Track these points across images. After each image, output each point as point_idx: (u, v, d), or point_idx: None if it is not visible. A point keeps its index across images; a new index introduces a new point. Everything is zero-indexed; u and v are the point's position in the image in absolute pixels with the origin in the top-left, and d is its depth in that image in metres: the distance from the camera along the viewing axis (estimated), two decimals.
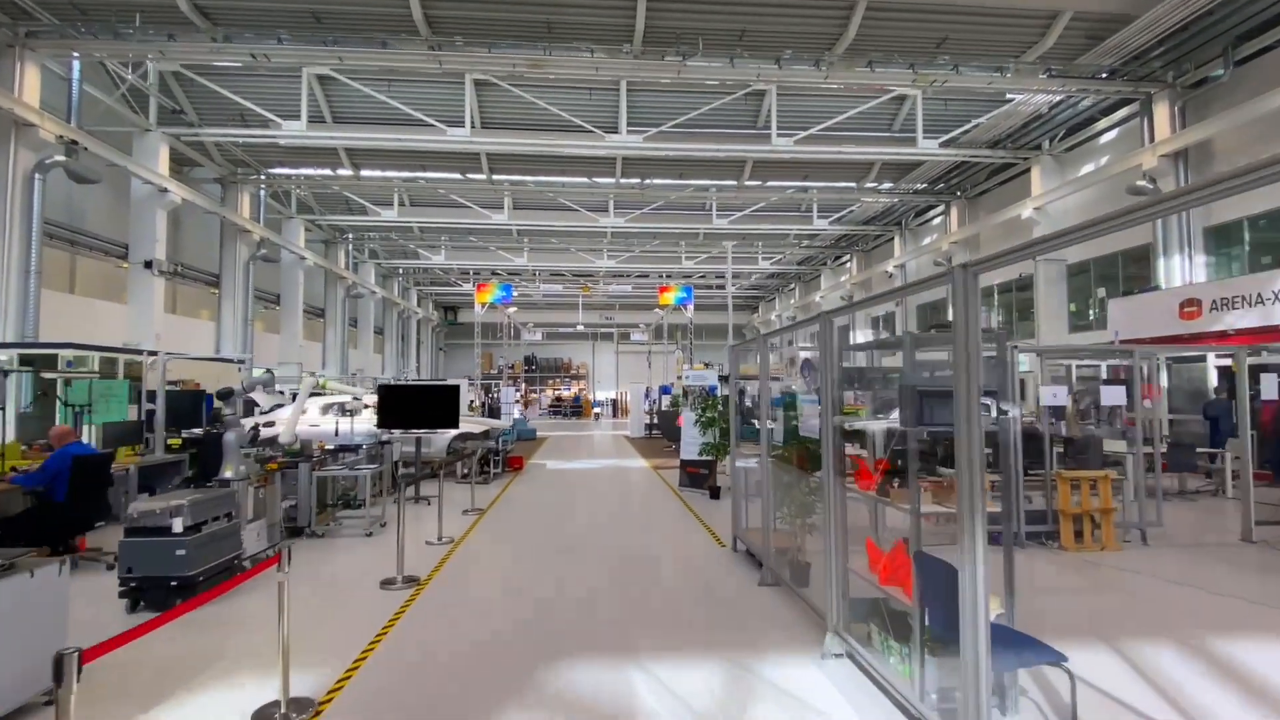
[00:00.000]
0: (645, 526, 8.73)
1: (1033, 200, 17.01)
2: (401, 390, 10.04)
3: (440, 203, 23.06)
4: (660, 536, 8.08)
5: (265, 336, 23.21)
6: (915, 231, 24.23)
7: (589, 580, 6.15)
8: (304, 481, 7.52)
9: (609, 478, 13.59)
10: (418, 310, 37.93)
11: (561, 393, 44.14)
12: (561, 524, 8.85)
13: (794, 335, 11.55)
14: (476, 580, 6.23)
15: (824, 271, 31.42)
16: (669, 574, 6.43)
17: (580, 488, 12.09)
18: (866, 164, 19.46)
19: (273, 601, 3.65)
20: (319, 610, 5.27)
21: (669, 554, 7.19)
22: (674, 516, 9.38)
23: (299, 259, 22.34)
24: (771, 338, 6.94)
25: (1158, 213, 2.17)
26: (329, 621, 5.03)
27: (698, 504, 10.24)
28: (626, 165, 19.26)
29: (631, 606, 5.39)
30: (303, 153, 18.55)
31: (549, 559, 6.93)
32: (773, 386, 6.45)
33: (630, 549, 7.38)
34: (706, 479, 11.11)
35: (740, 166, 19.48)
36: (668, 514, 9.57)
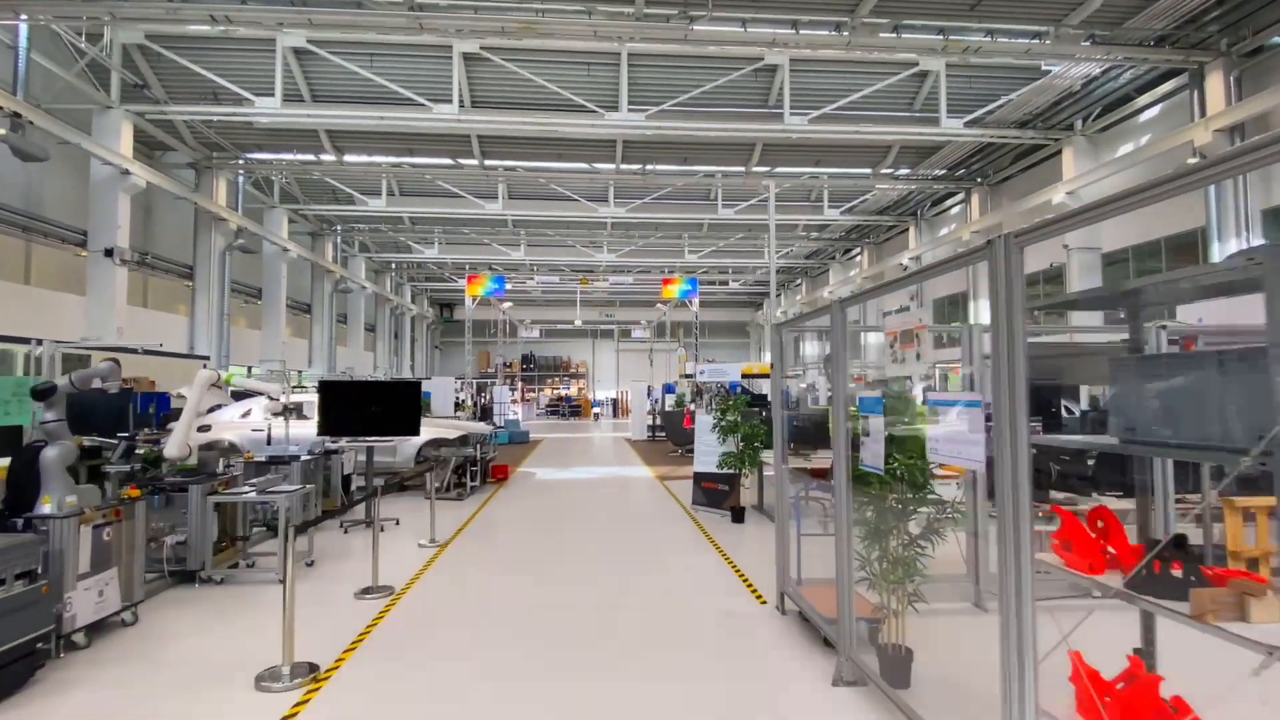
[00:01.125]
0: (653, 567, 6.84)
1: (1064, 184, 15.80)
2: (347, 389, 8.19)
3: (431, 192, 21.87)
4: (675, 586, 6.15)
5: (247, 332, 22.06)
6: (931, 222, 23.03)
7: (570, 683, 4.07)
8: (195, 510, 5.75)
9: (607, 492, 11.84)
10: (412, 307, 36.75)
11: (560, 392, 42.93)
12: (543, 564, 6.89)
13: (877, 300, 10.42)
14: (398, 681, 4.10)
15: (832, 266, 30.23)
16: (692, 662, 4.37)
17: (572, 506, 10.39)
18: (883, 148, 18.26)
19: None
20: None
21: (689, 618, 5.23)
22: (690, 550, 7.60)
23: (282, 250, 21.15)
24: (851, 304, 4.42)
25: None
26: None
27: (719, 530, 8.56)
28: (628, 150, 18.06)
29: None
30: (281, 135, 17.37)
31: (515, 637, 4.82)
32: (810, 381, 5.20)
33: (633, 612, 5.39)
34: (727, 497, 9.32)
35: (748, 151, 18.27)
36: (681, 547, 7.78)
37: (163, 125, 16.20)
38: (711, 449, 9.32)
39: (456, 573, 6.65)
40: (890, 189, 20.49)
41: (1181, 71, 13.22)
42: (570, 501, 10.80)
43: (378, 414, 7.53)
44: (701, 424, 9.47)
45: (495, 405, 21.30)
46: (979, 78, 15.43)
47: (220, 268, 17.82)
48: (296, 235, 24.41)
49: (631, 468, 15.24)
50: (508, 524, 9.13)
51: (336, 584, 6.10)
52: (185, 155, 17.44)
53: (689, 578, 6.48)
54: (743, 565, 6.87)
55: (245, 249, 18.85)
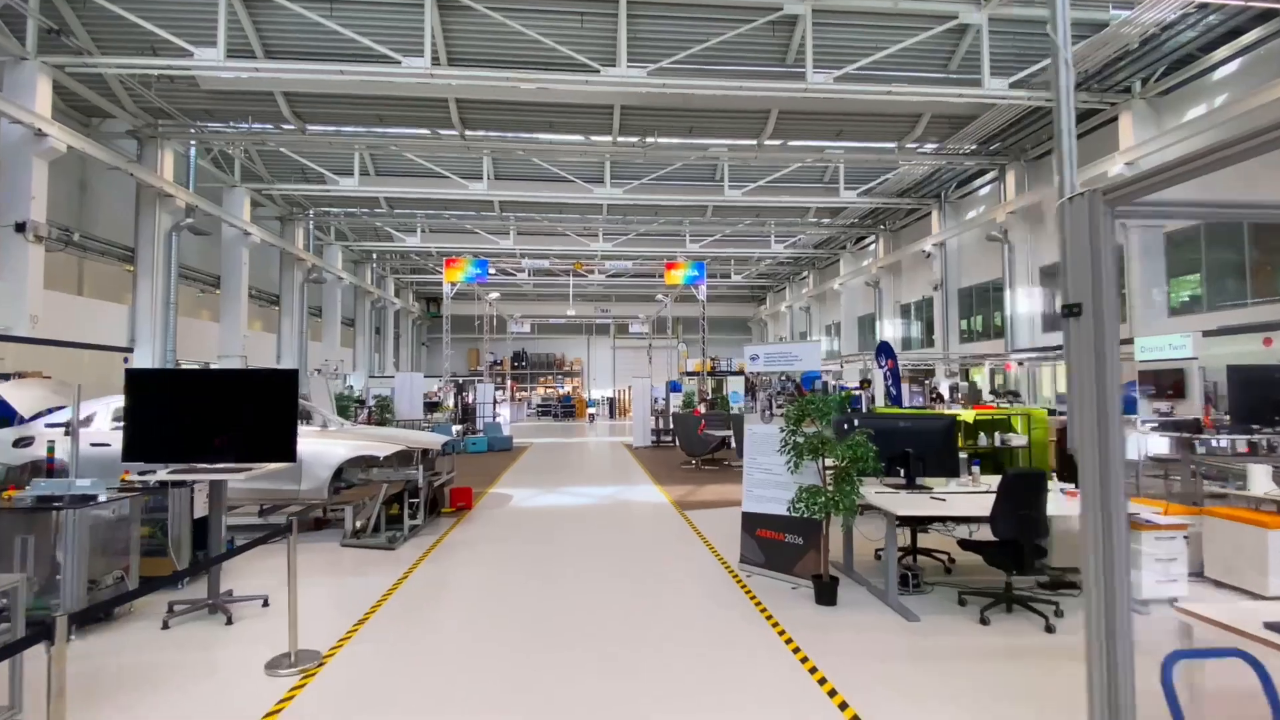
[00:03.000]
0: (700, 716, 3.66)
1: (1122, 154, 13.95)
2: (172, 384, 5.17)
3: (410, 171, 19.90)
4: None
5: (204, 324, 20.02)
6: (956, 205, 21.15)
7: None
8: None
9: (609, 532, 8.17)
10: (395, 300, 34.71)
11: (554, 391, 40.90)
12: (502, 705, 3.79)
13: None
14: None
15: (843, 256, 28.35)
16: None
17: (557, 559, 6.88)
18: (912, 117, 16.35)
19: None
20: None
21: None
22: (761, 668, 4.25)
23: (243, 234, 19.11)
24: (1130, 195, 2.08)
25: None
26: None
27: (797, 618, 5.08)
28: (627, 119, 16.10)
29: None
30: (233, 100, 15.34)
31: None
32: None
33: None
34: (801, 557, 5.76)
35: (761, 121, 16.33)
36: (739, 657, 4.41)
37: (96, 85, 14.18)
38: (775, 480, 6.00)
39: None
40: (916, 166, 18.58)
41: (1274, 15, 11.36)
42: (555, 550, 7.31)
43: (225, 425, 4.78)
44: (758, 438, 6.26)
45: (479, 406, 19.25)
46: (1024, 34, 13.60)
47: (166, 250, 15.79)
48: (263, 220, 22.38)
49: (638, 487, 11.77)
50: (453, 599, 5.69)
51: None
52: (124, 122, 15.40)
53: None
54: (875, 711, 3.64)
55: (196, 230, 16.83)
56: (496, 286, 32.70)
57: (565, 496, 10.96)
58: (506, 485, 12.12)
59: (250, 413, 4.89)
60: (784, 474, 5.76)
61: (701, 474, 12.99)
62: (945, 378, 19.81)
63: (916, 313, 23.81)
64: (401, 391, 16.41)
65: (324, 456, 6.91)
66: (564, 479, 12.94)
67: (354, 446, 7.06)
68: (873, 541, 6.63)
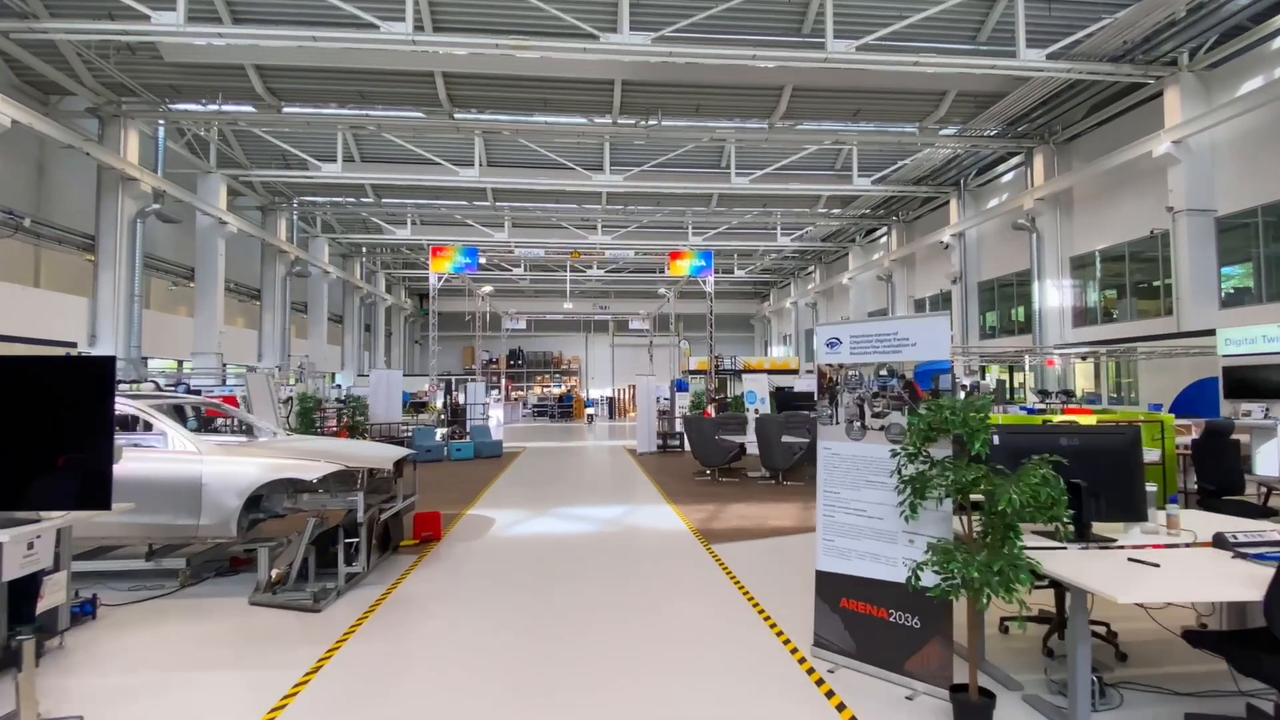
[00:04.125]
0: None
1: (1169, 132, 12.80)
2: None
3: (397, 156, 18.69)
4: None
5: (179, 320, 18.84)
6: (976, 193, 20.01)
7: None
8: None
9: (614, 582, 5.92)
10: (386, 296, 33.50)
11: (551, 390, 39.70)
12: None
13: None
14: None
15: (852, 249, 27.18)
16: None
17: (542, 638, 4.58)
18: (936, 95, 15.21)
19: None
20: None
21: None
22: None
23: (218, 223, 17.90)
24: None
25: None
26: None
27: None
28: (629, 96, 14.93)
29: None
30: (200, 74, 14.14)
31: None
32: None
33: None
34: (919, 648, 3.71)
35: (773, 99, 15.17)
36: None
37: (51, 58, 13.01)
38: (872, 527, 4.01)
39: None
40: (937, 149, 17.42)
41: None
42: (541, 613, 5.07)
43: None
44: (843, 463, 4.17)
45: (470, 407, 17.99)
46: (1061, 2, 12.50)
47: (130, 238, 14.58)
48: (244, 210, 21.21)
49: (647, 507, 9.48)
50: (385, 710, 3.59)
51: None
52: (85, 99, 14.21)
53: None
54: None
55: (165, 217, 15.60)
56: (491, 281, 31.50)
57: (559, 521, 8.62)
58: (489, 504, 9.78)
59: (30, 429, 3.15)
60: (889, 518, 3.85)
61: (720, 488, 10.94)
62: (965, 375, 18.69)
63: (931, 308, 22.66)
64: (378, 391, 14.82)
65: (231, 480, 5.24)
66: (558, 495, 10.60)
67: (271, 467, 5.31)
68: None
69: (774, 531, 7.72)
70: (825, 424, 4.28)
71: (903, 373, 3.90)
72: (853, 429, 4.12)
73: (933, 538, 3.53)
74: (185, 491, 5.17)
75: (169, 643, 4.48)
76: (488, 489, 11.22)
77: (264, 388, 8.09)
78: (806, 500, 9.52)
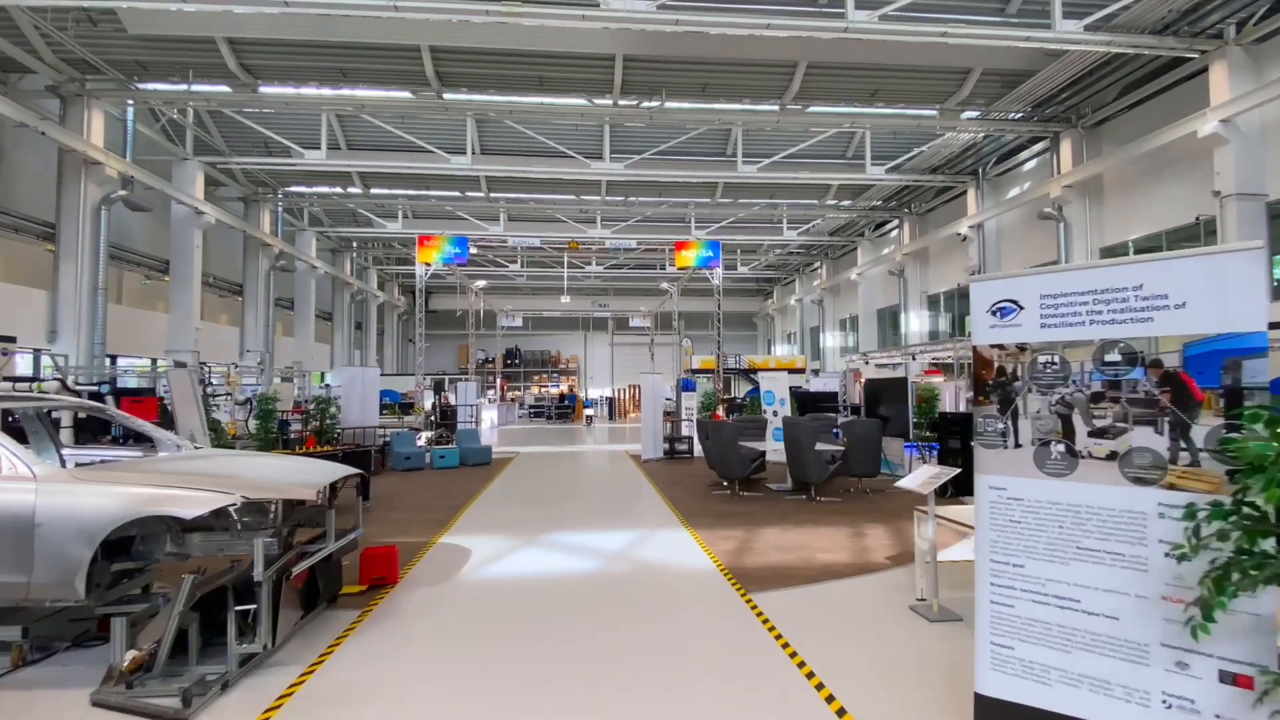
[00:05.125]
0: None
1: (1215, 111, 11.81)
2: None
3: (386, 144, 17.68)
4: None
5: (155, 316, 17.83)
6: (995, 183, 19.02)
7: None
8: None
9: (629, 665, 4.20)
10: (379, 293, 32.49)
11: (548, 390, 38.68)
12: None
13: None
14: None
15: (861, 243, 26.18)
16: None
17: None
18: (958, 74, 14.22)
19: None
20: None
21: None
22: None
23: (194, 213, 16.88)
24: None
25: None
26: None
27: None
28: (630, 73, 13.92)
29: None
30: (167, 47, 13.11)
31: None
32: None
33: None
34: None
35: (786, 78, 14.17)
36: None
37: (3, 28, 11.99)
38: (1104, 630, 2.38)
39: None
40: (959, 133, 16.42)
41: None
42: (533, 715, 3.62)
43: None
44: (1037, 514, 2.57)
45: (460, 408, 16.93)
46: None
47: (94, 226, 13.56)
48: (225, 201, 20.20)
49: (662, 534, 7.79)
50: None
51: None
52: (46, 76, 13.19)
53: None
54: None
55: (135, 205, 14.59)
56: (487, 277, 30.49)
57: (550, 555, 6.88)
58: (468, 528, 8.14)
59: None
60: (1136, 619, 2.31)
61: (743, 506, 9.34)
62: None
63: (947, 304, 21.67)
64: (350, 392, 13.30)
65: (77, 519, 3.60)
66: (551, 516, 8.91)
67: (139, 500, 3.68)
68: None
69: (826, 572, 6.08)
70: (992, 445, 2.73)
71: (1156, 357, 2.32)
72: (1051, 456, 2.56)
73: (1237, 661, 1.99)
74: (6, 536, 3.58)
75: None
76: (469, 506, 9.63)
77: (187, 386, 6.89)
78: (853, 523, 8.27)
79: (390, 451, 12.95)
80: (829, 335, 30.35)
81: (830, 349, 30.14)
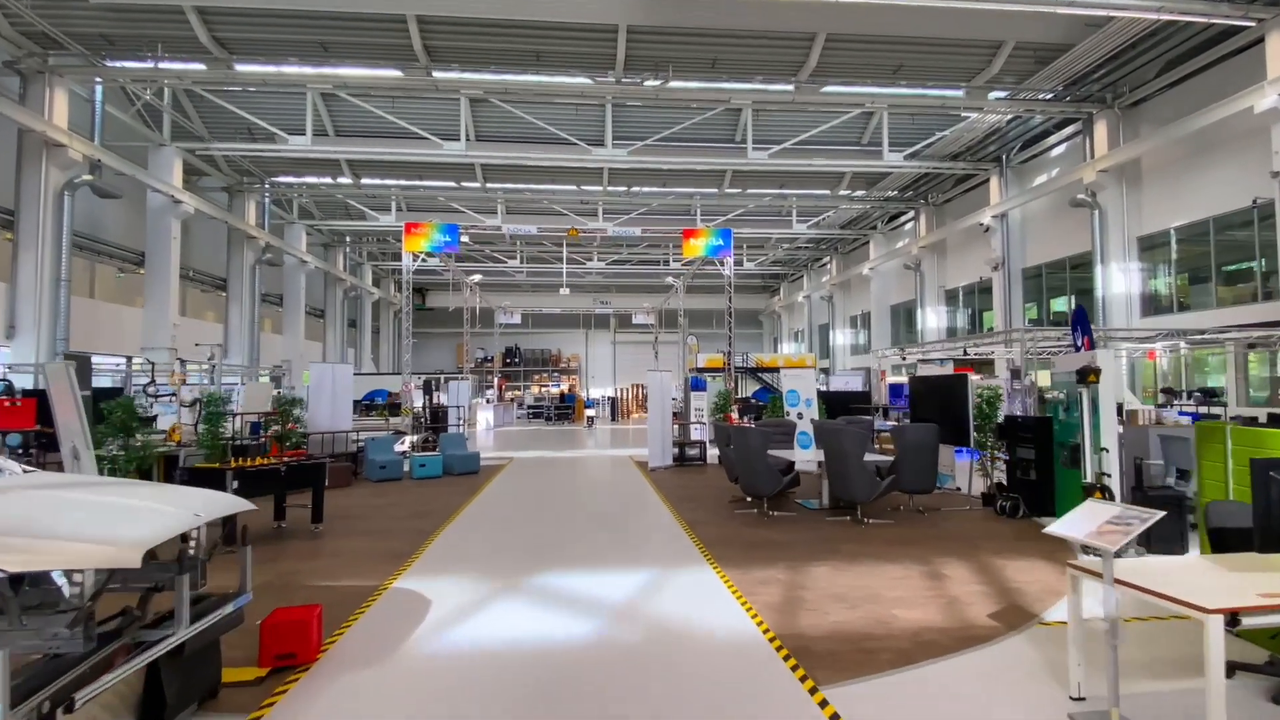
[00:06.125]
0: None
1: (1272, 84, 10.77)
2: None
3: (375, 130, 16.70)
4: None
5: (127, 311, 16.88)
6: (1020, 170, 17.99)
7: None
8: None
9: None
10: (373, 290, 31.53)
11: (549, 390, 37.67)
12: None
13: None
14: None
15: (873, 236, 25.15)
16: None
17: None
18: (989, 47, 13.21)
19: None
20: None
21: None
22: None
23: (171, 201, 15.90)
24: None
25: None
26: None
27: None
28: (634, 46, 12.93)
29: None
30: (133, 18, 12.15)
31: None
32: None
33: None
34: None
35: (803, 51, 13.17)
36: None
37: None
38: None
39: None
40: (983, 116, 15.39)
41: None
42: None
43: None
44: None
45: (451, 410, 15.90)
46: None
47: (56, 214, 12.60)
48: (208, 191, 19.23)
49: (682, 575, 6.01)
50: None
51: None
52: (3, 50, 12.23)
53: None
54: None
55: (103, 192, 13.62)
56: (484, 272, 29.50)
57: (536, 609, 5.15)
58: (432, 566, 6.29)
59: None
60: None
61: (777, 531, 7.59)
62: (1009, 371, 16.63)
63: (967, 298, 20.64)
64: (320, 391, 11.73)
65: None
66: (542, 546, 7.07)
67: None
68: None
69: (917, 642, 4.37)
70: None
71: None
72: None
73: None
74: None
75: None
76: (443, 530, 7.80)
77: (66, 386, 5.83)
78: (921, 556, 6.49)
79: (363, 458, 11.65)
80: (839, 333, 29.32)
81: (840, 347, 29.11)
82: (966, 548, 6.84)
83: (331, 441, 11.04)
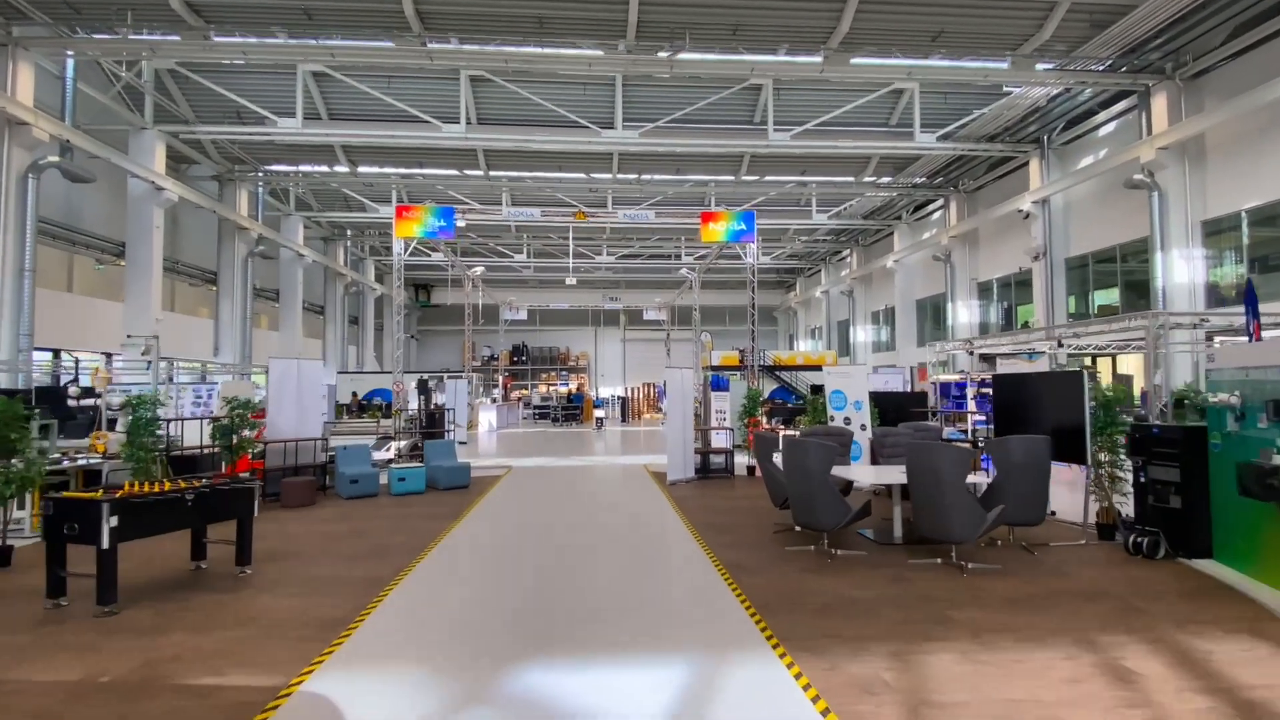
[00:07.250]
0: None
1: None
2: None
3: (371, 114, 15.67)
4: None
5: (108, 305, 15.93)
6: (1061, 151, 16.68)
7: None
8: None
9: None
10: (375, 285, 30.57)
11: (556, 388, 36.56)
12: None
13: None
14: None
15: (897, 227, 23.86)
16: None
17: None
18: (1043, 8, 11.93)
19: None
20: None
21: None
22: None
23: (153, 189, 14.92)
24: None
25: None
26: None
27: None
28: (646, 12, 11.77)
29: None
30: None
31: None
32: None
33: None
34: None
35: (833, 17, 11.97)
36: None
37: None
38: None
39: None
40: (1029, 89, 14.11)
41: None
42: None
43: None
44: None
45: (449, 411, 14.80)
46: None
47: (20, 198, 11.61)
48: (197, 179, 18.27)
49: (732, 672, 3.89)
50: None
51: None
52: None
53: None
54: None
55: (75, 175, 12.63)
56: (488, 265, 28.46)
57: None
58: (368, 649, 4.28)
59: None
60: None
61: (848, 582, 5.61)
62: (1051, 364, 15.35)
63: (1002, 291, 19.33)
64: (282, 391, 9.81)
65: None
66: (531, 614, 4.93)
67: None
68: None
69: None
70: None
71: None
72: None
73: None
74: None
75: None
76: (405, 576, 5.87)
77: None
78: (1074, 624, 4.57)
79: (333, 471, 10.03)
80: (860, 329, 28.04)
81: (861, 344, 27.83)
82: (1127, 613, 4.80)
83: (296, 451, 9.62)
